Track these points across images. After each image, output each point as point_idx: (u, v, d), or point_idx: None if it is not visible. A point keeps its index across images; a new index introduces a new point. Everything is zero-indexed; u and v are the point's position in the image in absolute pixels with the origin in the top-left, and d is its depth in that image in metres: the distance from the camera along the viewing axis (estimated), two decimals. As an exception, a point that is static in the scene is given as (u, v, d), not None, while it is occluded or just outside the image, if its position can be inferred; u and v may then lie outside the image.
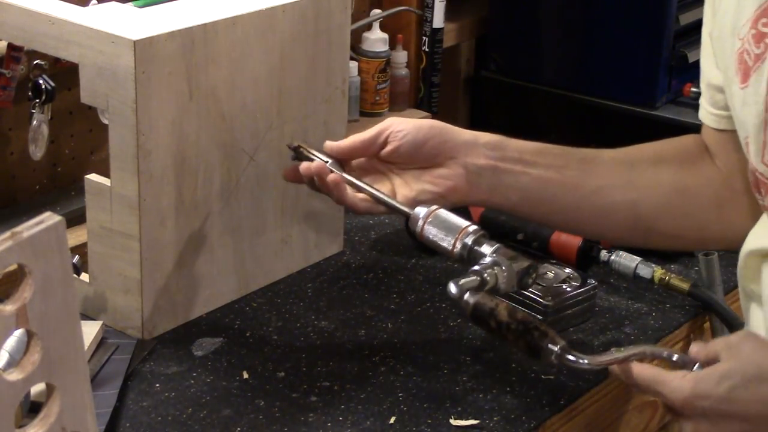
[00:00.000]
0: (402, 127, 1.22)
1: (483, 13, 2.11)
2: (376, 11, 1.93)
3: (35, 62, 1.43)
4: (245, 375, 1.22)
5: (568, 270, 1.37)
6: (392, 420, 1.16)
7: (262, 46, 1.31)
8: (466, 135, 1.23)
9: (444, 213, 1.20)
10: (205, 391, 1.19)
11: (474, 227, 1.18)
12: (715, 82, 1.17)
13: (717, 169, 1.24)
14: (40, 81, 1.42)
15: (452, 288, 1.12)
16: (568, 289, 1.35)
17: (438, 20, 1.96)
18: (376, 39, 1.89)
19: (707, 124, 1.23)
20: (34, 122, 1.44)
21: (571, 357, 1.09)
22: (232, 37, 1.27)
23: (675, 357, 1.07)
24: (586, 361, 1.09)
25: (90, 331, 1.24)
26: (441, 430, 1.15)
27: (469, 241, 1.17)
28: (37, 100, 1.43)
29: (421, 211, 1.20)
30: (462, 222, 1.19)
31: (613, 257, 1.46)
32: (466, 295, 1.12)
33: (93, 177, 1.27)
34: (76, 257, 1.31)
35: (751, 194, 1.17)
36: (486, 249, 1.17)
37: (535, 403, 1.20)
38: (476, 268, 1.14)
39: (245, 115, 1.31)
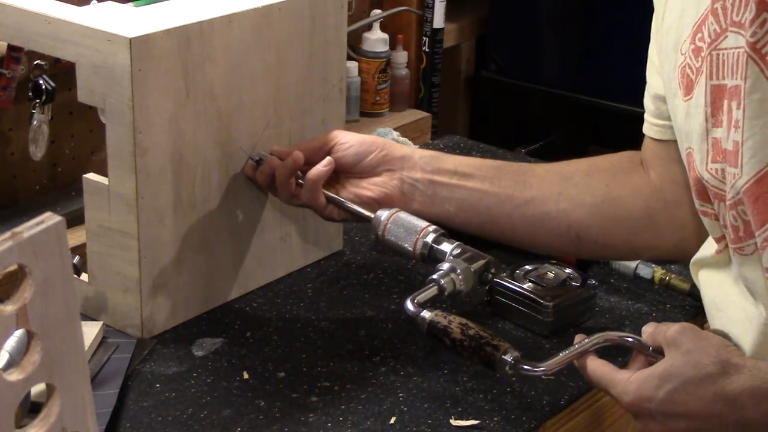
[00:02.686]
0: (347, 139, 1.32)
1: (483, 13, 2.11)
2: (377, 11, 1.93)
3: (35, 62, 1.43)
4: (245, 375, 1.22)
5: (568, 270, 1.37)
6: (392, 420, 1.16)
7: (259, 44, 1.31)
8: (404, 150, 1.32)
9: (404, 215, 1.27)
10: (205, 392, 1.19)
11: (434, 227, 1.25)
12: (661, 92, 1.20)
13: (649, 180, 1.28)
14: (41, 81, 1.42)
15: (408, 306, 1.17)
16: (569, 289, 1.35)
17: (438, 20, 1.96)
18: (377, 39, 1.89)
19: (650, 135, 1.27)
20: (35, 122, 1.44)
21: (526, 367, 1.12)
22: (228, 35, 1.27)
23: (630, 340, 1.11)
24: (541, 368, 1.12)
25: (90, 331, 1.24)
26: (441, 430, 1.15)
27: (429, 240, 1.24)
28: (38, 100, 1.43)
29: (382, 213, 1.27)
30: (422, 223, 1.25)
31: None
32: (422, 313, 1.16)
33: (91, 176, 1.27)
34: (77, 257, 1.31)
35: (683, 206, 1.23)
36: (446, 247, 1.23)
37: (535, 403, 1.20)
38: (434, 276, 1.20)
39: (242, 113, 1.31)
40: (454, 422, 1.16)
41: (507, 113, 2.14)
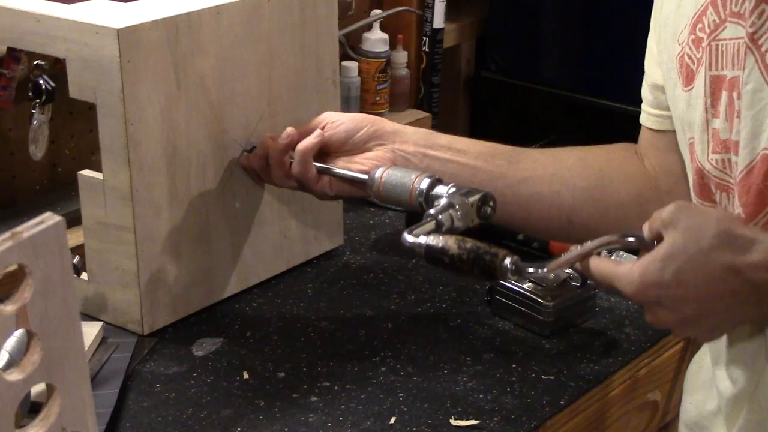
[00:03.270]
0: (337, 117, 1.32)
1: (483, 13, 2.11)
2: (377, 11, 1.93)
3: (35, 62, 1.43)
4: (245, 375, 1.22)
5: (568, 270, 1.37)
6: (392, 420, 1.16)
7: (249, 36, 1.31)
8: (395, 125, 1.33)
9: (396, 168, 1.27)
10: (205, 392, 1.19)
11: (427, 173, 1.24)
12: (660, 82, 1.20)
13: (643, 169, 1.28)
14: (41, 81, 1.42)
15: (406, 237, 1.14)
16: (569, 289, 1.35)
17: (438, 20, 1.96)
18: (377, 39, 1.89)
19: (648, 126, 1.26)
20: (35, 122, 1.44)
21: (530, 270, 1.09)
22: (217, 26, 1.27)
23: (631, 239, 1.05)
24: (544, 269, 1.09)
25: (90, 331, 1.24)
26: (441, 430, 1.15)
27: (424, 186, 1.23)
28: (38, 101, 1.43)
29: (375, 171, 1.26)
30: (414, 171, 1.25)
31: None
32: (418, 239, 1.13)
33: (86, 172, 1.27)
34: (77, 257, 1.31)
35: (676, 195, 1.21)
36: (441, 190, 1.22)
37: (535, 403, 1.20)
38: (431, 211, 1.18)
39: (235, 105, 1.32)
40: (454, 422, 1.16)
41: (507, 113, 2.14)
